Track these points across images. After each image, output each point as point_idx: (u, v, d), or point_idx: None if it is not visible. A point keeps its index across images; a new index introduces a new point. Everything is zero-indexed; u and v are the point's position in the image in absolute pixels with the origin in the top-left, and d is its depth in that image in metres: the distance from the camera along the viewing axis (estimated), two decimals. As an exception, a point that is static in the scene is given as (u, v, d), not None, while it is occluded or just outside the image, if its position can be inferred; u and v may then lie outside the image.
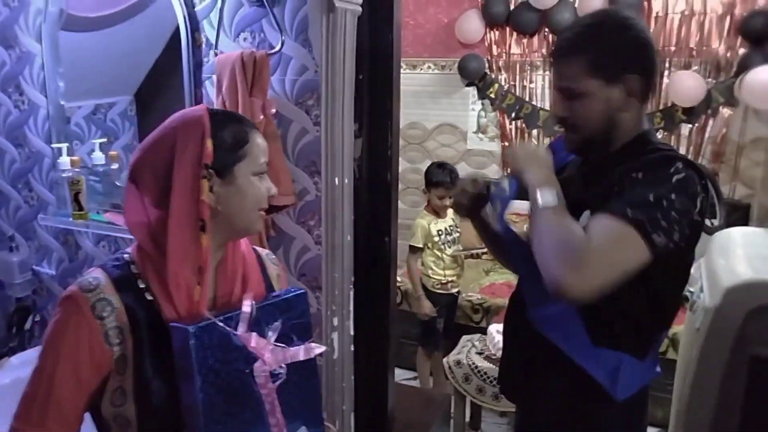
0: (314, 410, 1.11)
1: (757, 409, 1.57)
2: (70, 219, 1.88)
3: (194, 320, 0.96)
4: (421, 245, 3.03)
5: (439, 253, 3.04)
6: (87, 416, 1.02)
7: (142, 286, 0.99)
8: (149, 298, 0.98)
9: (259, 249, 1.19)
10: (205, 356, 0.94)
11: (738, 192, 3.36)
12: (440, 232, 3.03)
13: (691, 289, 1.84)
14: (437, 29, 4.01)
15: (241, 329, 0.98)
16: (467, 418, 2.79)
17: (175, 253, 0.96)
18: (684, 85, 3.24)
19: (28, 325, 2.18)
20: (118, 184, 1.93)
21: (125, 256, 1.02)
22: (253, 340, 0.99)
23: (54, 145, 1.94)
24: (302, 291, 1.08)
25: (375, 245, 1.79)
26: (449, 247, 3.04)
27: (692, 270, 2.06)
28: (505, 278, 3.55)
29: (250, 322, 0.99)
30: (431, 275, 3.06)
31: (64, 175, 1.87)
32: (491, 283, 3.63)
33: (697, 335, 1.67)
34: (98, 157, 1.91)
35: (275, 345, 1.00)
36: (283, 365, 1.00)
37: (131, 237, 1.03)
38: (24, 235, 2.15)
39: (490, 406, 2.63)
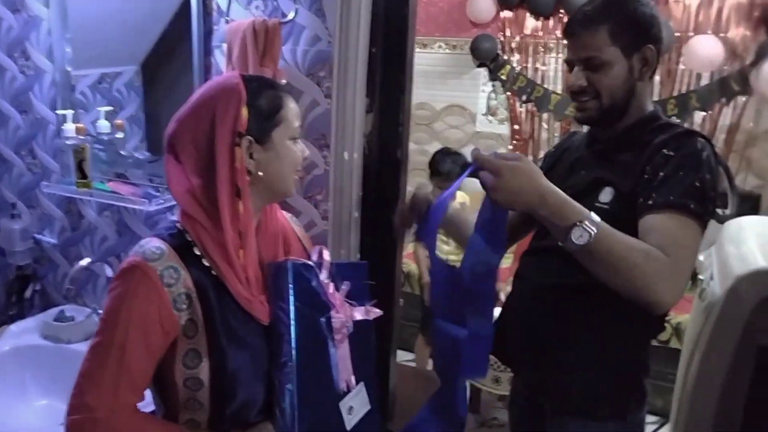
0: (370, 369, 1.17)
1: (761, 399, 1.55)
2: (74, 187, 1.85)
3: (251, 285, 1.04)
4: None
5: (445, 237, 3.02)
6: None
7: (197, 252, 1.01)
8: (206, 264, 1.01)
9: (284, 213, 1.22)
10: (298, 290, 1.03)
11: (749, 182, 3.33)
12: None
13: (701, 277, 1.82)
14: (450, 8, 3.95)
15: (323, 276, 1.06)
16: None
17: (226, 217, 0.99)
18: (701, 48, 3.18)
19: (28, 294, 2.16)
20: (122, 153, 1.91)
21: (177, 225, 1.04)
22: (331, 288, 1.08)
23: (59, 112, 1.91)
24: (366, 262, 1.21)
25: (382, 224, 1.76)
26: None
27: (702, 257, 2.05)
28: (507, 264, 3.53)
29: (330, 271, 1.08)
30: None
31: (68, 142, 1.84)
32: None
33: (706, 323, 1.65)
34: (103, 125, 1.88)
35: (345, 300, 1.09)
36: (350, 321, 1.09)
37: (135, 207, 1.03)
38: (26, 203, 2.13)
39: (489, 389, 2.63)
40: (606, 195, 1.24)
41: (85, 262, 1.92)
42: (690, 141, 1.19)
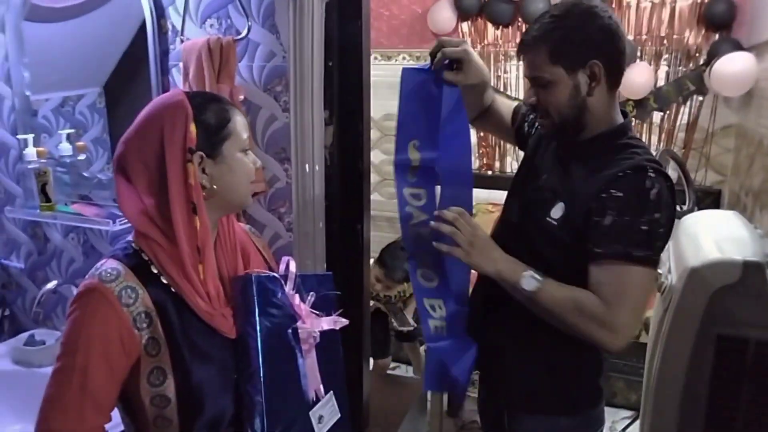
0: (339, 380, 1.19)
1: (723, 386, 1.60)
2: (38, 211, 1.85)
3: (212, 299, 1.05)
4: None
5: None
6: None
7: (155, 271, 1.02)
8: (164, 281, 1.01)
9: (241, 224, 1.23)
10: (263, 302, 1.04)
11: (709, 178, 3.41)
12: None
13: (660, 271, 1.87)
14: (412, 20, 4.01)
15: (288, 288, 1.08)
16: (445, 407, 2.80)
17: (181, 234, 1.00)
18: (631, 78, 3.24)
19: (-3, 320, 2.15)
20: (85, 175, 1.91)
21: (132, 244, 1.04)
22: (297, 300, 1.09)
23: (20, 137, 1.91)
24: (330, 273, 1.23)
25: (347, 233, 1.79)
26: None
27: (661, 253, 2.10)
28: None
29: (295, 283, 1.09)
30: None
31: (30, 166, 1.84)
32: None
33: (665, 316, 1.70)
34: (65, 148, 1.89)
35: (311, 311, 1.10)
36: (317, 331, 1.10)
37: (100, 228, 1.04)
38: (-9, 229, 2.12)
39: (468, 393, 2.64)
40: (557, 211, 1.27)
41: (52, 285, 1.91)
42: (637, 179, 1.19)
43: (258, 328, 1.03)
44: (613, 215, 1.18)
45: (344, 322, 1.17)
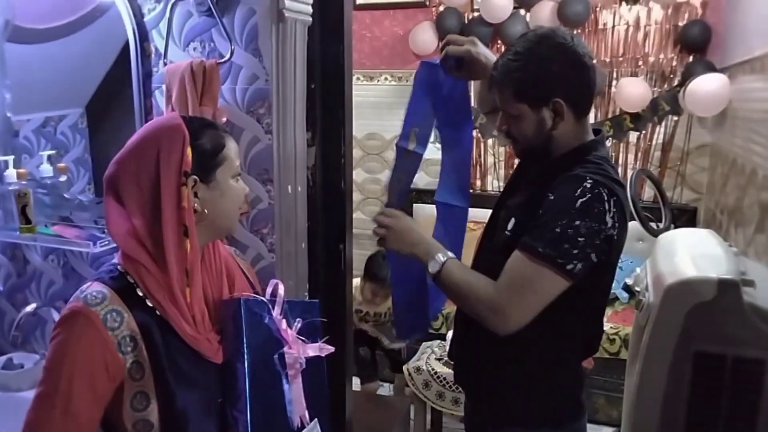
0: (323, 404, 1.19)
1: (702, 402, 1.62)
2: (17, 233, 1.83)
3: (197, 323, 1.06)
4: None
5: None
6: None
7: (140, 294, 1.01)
8: (150, 304, 1.01)
9: (226, 246, 1.24)
10: (250, 327, 1.04)
11: (685, 196, 3.48)
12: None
13: (638, 289, 1.91)
14: (393, 41, 4.07)
15: (275, 312, 1.08)
16: (428, 425, 2.81)
17: (171, 257, 1.00)
18: (629, 91, 3.34)
19: (-26, 344, 2.11)
20: (66, 196, 1.90)
21: (118, 267, 1.04)
22: (284, 325, 1.09)
23: (0, 158, 1.90)
24: (316, 301, 1.24)
25: (330, 253, 1.80)
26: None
27: (638, 270, 2.14)
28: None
29: (282, 308, 1.09)
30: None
31: (10, 188, 1.83)
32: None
33: (644, 333, 1.72)
34: (46, 169, 1.88)
35: (297, 336, 1.11)
36: (303, 357, 1.10)
37: (80, 250, 1.04)
38: (-30, 251, 2.09)
39: (450, 411, 2.65)
40: (511, 223, 1.34)
41: (31, 307, 1.89)
42: (570, 186, 1.22)
43: (245, 351, 1.03)
44: (539, 214, 1.23)
45: (330, 349, 1.17)
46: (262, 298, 1.09)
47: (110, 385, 0.99)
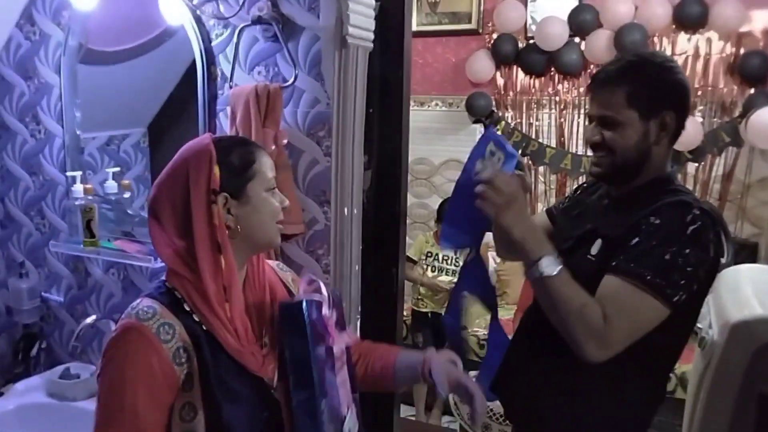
0: (354, 390, 1.19)
1: (767, 448, 1.55)
2: (81, 246, 1.90)
3: (240, 337, 1.06)
4: (414, 258, 3.33)
5: (420, 270, 3.34)
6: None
7: (187, 309, 1.03)
8: (196, 318, 1.03)
9: (270, 261, 1.25)
10: (311, 324, 1.05)
11: (745, 231, 3.36)
12: (430, 254, 3.35)
13: (700, 326, 1.84)
14: (445, 68, 4.09)
15: (324, 309, 1.09)
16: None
17: (206, 274, 1.02)
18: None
19: (34, 352, 2.17)
20: (129, 212, 1.96)
21: (165, 283, 1.07)
22: (333, 320, 1.11)
23: (69, 174, 1.97)
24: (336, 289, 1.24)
25: (382, 277, 1.79)
26: (431, 271, 3.34)
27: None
28: (510, 315, 3.54)
29: (330, 305, 1.11)
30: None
31: (77, 203, 1.89)
32: (497, 318, 3.62)
33: (706, 372, 1.66)
34: (111, 185, 1.94)
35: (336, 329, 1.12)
36: (343, 348, 1.12)
37: (140, 264, 1.06)
38: (34, 262, 2.17)
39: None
40: (596, 247, 1.26)
41: (90, 319, 1.94)
42: (678, 212, 1.17)
43: (310, 349, 1.04)
44: (641, 237, 1.16)
45: (356, 336, 1.18)
46: (316, 297, 1.09)
47: (170, 396, 1.00)
